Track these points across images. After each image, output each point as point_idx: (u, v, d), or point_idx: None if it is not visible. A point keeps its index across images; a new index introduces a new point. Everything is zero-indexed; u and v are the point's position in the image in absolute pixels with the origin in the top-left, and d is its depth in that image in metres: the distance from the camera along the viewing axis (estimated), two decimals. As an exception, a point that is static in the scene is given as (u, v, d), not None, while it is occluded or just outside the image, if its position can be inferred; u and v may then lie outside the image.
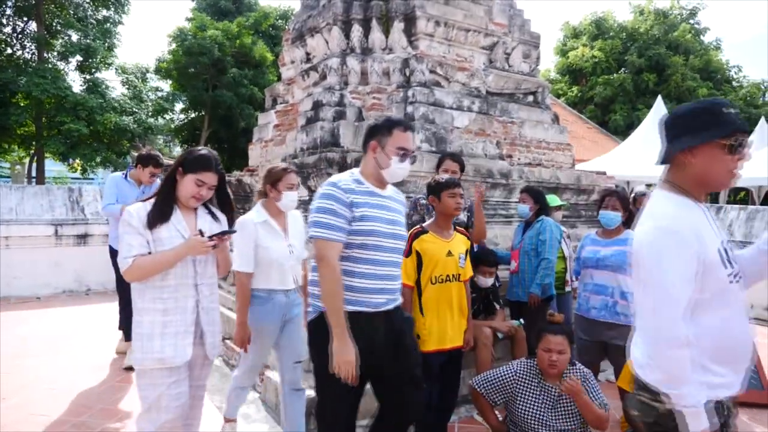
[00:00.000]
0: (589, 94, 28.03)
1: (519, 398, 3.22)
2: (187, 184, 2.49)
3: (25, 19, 18.63)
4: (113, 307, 7.53)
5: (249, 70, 21.89)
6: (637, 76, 27.06)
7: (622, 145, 16.27)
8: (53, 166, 24.08)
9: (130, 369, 4.90)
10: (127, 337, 5.13)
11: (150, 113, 19.72)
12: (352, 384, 2.38)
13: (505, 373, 3.34)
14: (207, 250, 2.50)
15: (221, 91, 21.18)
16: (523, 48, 6.61)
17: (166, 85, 23.03)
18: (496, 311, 4.36)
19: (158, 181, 5.02)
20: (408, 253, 3.20)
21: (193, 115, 24.34)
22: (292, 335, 3.31)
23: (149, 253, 2.44)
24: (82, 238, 8.82)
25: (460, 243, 3.34)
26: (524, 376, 3.22)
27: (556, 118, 6.81)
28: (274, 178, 3.28)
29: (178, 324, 2.50)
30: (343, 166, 4.97)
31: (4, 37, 18.52)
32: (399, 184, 4.89)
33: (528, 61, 6.69)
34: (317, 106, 5.76)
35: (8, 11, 18.28)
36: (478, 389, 3.25)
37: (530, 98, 6.63)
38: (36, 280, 8.25)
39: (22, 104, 17.27)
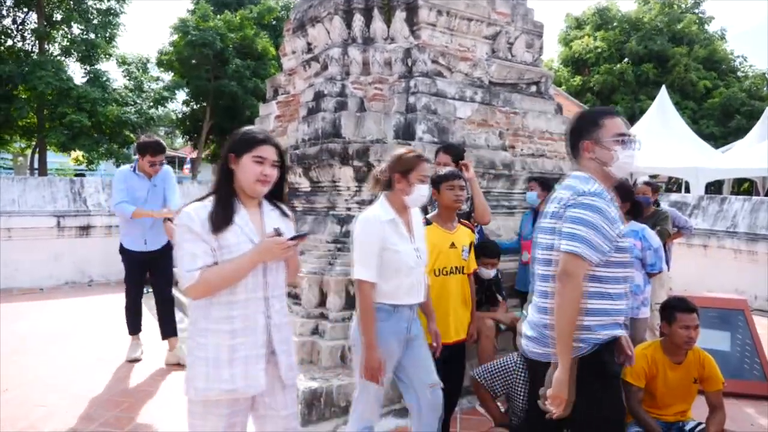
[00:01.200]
0: (590, 83, 27.88)
1: (520, 389, 3.22)
2: (247, 168, 2.10)
3: (25, 10, 18.57)
4: (115, 299, 7.55)
5: (251, 61, 21.81)
6: (637, 66, 26.90)
7: (626, 136, 16.17)
8: (55, 158, 24.09)
9: (134, 361, 5.01)
10: (132, 331, 5.20)
11: (151, 104, 19.69)
12: None
13: (507, 364, 3.33)
14: (286, 254, 2.14)
15: (224, 82, 21.11)
16: (526, 37, 6.55)
17: (167, 77, 22.97)
18: (498, 302, 4.35)
19: (166, 169, 5.02)
20: None
21: (195, 107, 24.28)
22: (419, 356, 2.86)
23: (215, 263, 2.07)
24: (84, 229, 8.82)
25: (463, 235, 3.32)
26: (524, 369, 3.21)
27: (559, 109, 6.76)
28: (405, 167, 2.73)
29: (249, 347, 2.11)
30: (344, 157, 4.95)
31: (3, 28, 18.46)
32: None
33: (531, 51, 6.63)
34: (318, 96, 5.72)
35: (8, 2, 18.21)
36: (480, 380, 3.25)
37: (533, 88, 6.58)
38: (38, 271, 8.27)
39: (23, 96, 17.24)
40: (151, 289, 8.12)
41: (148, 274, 5.17)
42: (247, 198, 2.16)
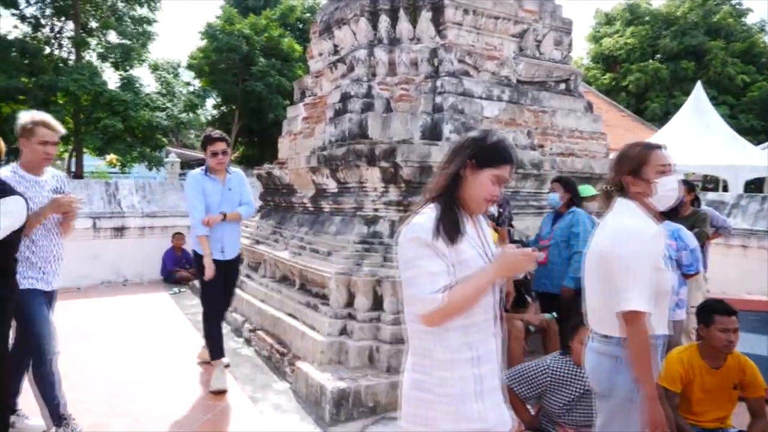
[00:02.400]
0: (623, 81, 27.33)
1: (552, 394, 3.17)
2: (483, 183, 1.80)
3: (63, 18, 19.12)
4: (149, 298, 7.72)
5: (277, 61, 22.04)
6: (673, 62, 26.24)
7: (659, 133, 15.81)
8: (91, 161, 24.69)
9: (220, 392, 4.26)
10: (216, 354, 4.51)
11: (182, 109, 20.07)
12: None
13: (538, 367, 3.28)
14: (532, 266, 1.88)
15: (250, 83, 21.38)
16: (554, 35, 6.46)
17: (197, 81, 23.38)
18: (527, 304, 4.30)
19: (239, 173, 4.74)
20: None
21: (224, 110, 24.65)
22: None
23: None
24: (119, 230, 9.03)
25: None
26: (558, 371, 3.16)
27: (589, 107, 6.64)
28: (634, 164, 2.24)
29: (491, 375, 1.82)
30: (371, 158, 4.95)
31: (43, 37, 19.05)
32: (428, 175, 4.86)
33: (560, 48, 6.54)
34: (345, 98, 5.74)
35: (47, 11, 18.78)
36: (510, 384, 3.20)
37: (562, 86, 6.48)
38: (76, 271, 8.47)
39: (61, 101, 17.75)
40: (183, 289, 8.29)
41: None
42: (465, 209, 1.86)
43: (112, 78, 29.45)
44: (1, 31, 17.61)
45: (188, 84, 22.45)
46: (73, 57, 19.06)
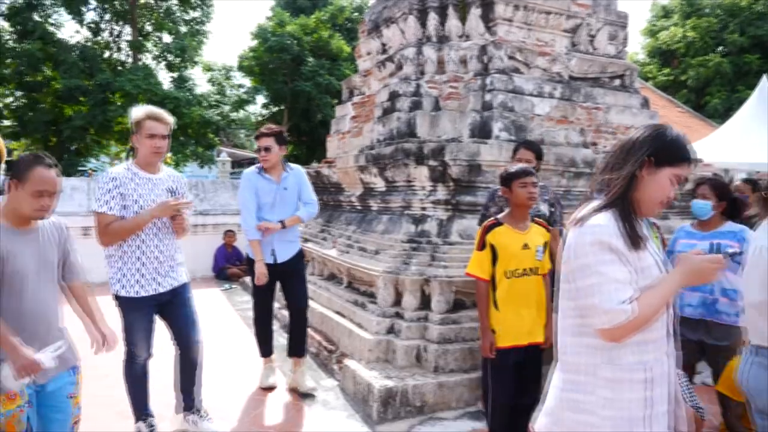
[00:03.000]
0: (682, 77, 26.25)
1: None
2: (662, 183, 1.64)
3: (121, 23, 19.91)
4: (201, 294, 7.92)
5: (326, 61, 22.28)
6: (737, 56, 25.02)
7: (720, 130, 15.11)
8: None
9: (268, 389, 4.34)
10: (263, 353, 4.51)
11: (232, 108, 20.59)
12: None
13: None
14: (716, 276, 1.68)
15: (300, 83, 21.71)
16: (609, 29, 6.27)
17: (248, 82, 23.91)
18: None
19: (298, 169, 4.45)
20: (482, 246, 3.12)
21: (274, 110, 25.11)
22: None
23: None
24: (173, 228, 9.32)
25: (537, 235, 3.21)
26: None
27: (645, 103, 6.41)
28: None
29: (663, 399, 1.64)
30: (419, 157, 4.93)
31: (102, 41, 19.89)
32: (477, 174, 4.81)
33: (614, 43, 6.34)
34: (393, 96, 5.74)
35: (107, 16, 19.61)
36: (561, 386, 3.12)
37: (617, 82, 6.28)
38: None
39: (118, 102, 18.48)
40: (233, 285, 8.49)
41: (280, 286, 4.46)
42: (637, 213, 1.69)
43: (166, 79, 30.42)
44: (64, 36, 18.49)
45: (240, 86, 22.99)
46: (130, 60, 19.82)
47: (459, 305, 4.39)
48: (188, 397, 3.51)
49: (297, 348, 4.38)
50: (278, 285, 4.43)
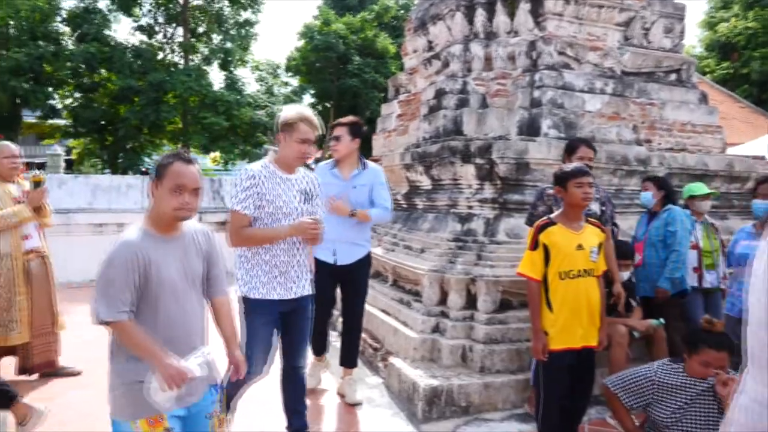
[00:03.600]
0: (743, 70, 25.04)
1: (659, 403, 2.97)
2: None
3: (174, 25, 20.53)
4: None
5: (372, 59, 22.37)
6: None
7: (783, 126, 14.37)
8: (198, 159, 26.40)
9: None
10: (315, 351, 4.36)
11: (281, 107, 20.92)
12: None
13: (643, 374, 3.08)
14: None
15: (346, 80, 21.86)
16: (664, 22, 6.04)
17: (295, 81, 24.25)
18: (632, 308, 4.06)
19: (374, 168, 4.18)
20: (534, 245, 3.05)
21: (320, 108, 25.39)
22: None
23: None
24: (222, 225, 9.55)
25: (592, 235, 3.12)
26: (666, 380, 2.95)
27: (703, 98, 6.15)
28: None
29: None
30: (466, 155, 4.88)
31: (157, 43, 20.56)
32: (525, 172, 4.72)
33: (670, 36, 6.10)
34: (440, 94, 5.70)
35: (160, 19, 20.27)
36: (614, 389, 3.03)
37: (673, 76, 6.05)
38: (184, 262, 9.06)
39: (171, 102, 19.07)
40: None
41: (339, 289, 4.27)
42: None
43: (217, 79, 31.20)
44: (120, 38, 19.22)
45: (286, 84, 23.34)
46: (182, 61, 20.42)
47: (506, 305, 4.33)
48: (299, 419, 3.25)
49: (348, 359, 4.20)
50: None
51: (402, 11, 24.93)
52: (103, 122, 18.85)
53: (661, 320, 4.01)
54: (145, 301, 2.02)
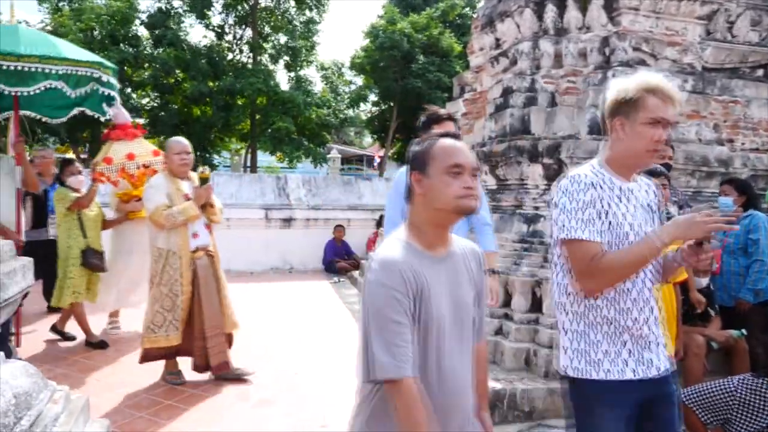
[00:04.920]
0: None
1: (740, 421, 2.79)
2: None
3: (243, 26, 21.20)
4: (312, 285, 8.25)
5: (436, 58, 22.25)
6: None
7: None
8: (264, 157, 27.09)
9: None
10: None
11: (345, 106, 21.21)
12: None
13: (722, 389, 2.91)
14: None
15: (410, 80, 21.85)
16: (751, 14, 5.67)
17: (359, 80, 24.47)
18: (710, 317, 3.84)
19: None
20: None
21: (383, 107, 25.51)
22: None
23: None
24: (287, 221, 9.78)
25: None
26: (748, 396, 2.77)
27: (793, 95, 5.74)
28: None
29: None
30: (533, 154, 4.77)
31: (227, 45, 21.30)
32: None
33: (758, 29, 5.72)
34: (507, 92, 5.59)
35: (230, 21, 20.98)
36: (689, 403, 2.88)
37: (759, 72, 5.67)
38: (250, 257, 9.35)
39: (240, 103, 19.69)
40: (342, 279, 8.74)
41: None
42: None
43: (283, 79, 31.95)
44: (193, 41, 20.02)
45: (350, 83, 23.60)
46: (251, 61, 21.04)
47: (573, 310, 4.19)
48: None
49: None
50: None
51: (468, 9, 24.66)
52: (177, 123, 19.70)
53: (743, 331, 3.78)
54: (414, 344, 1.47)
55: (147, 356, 4.02)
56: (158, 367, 4.16)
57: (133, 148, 5.21)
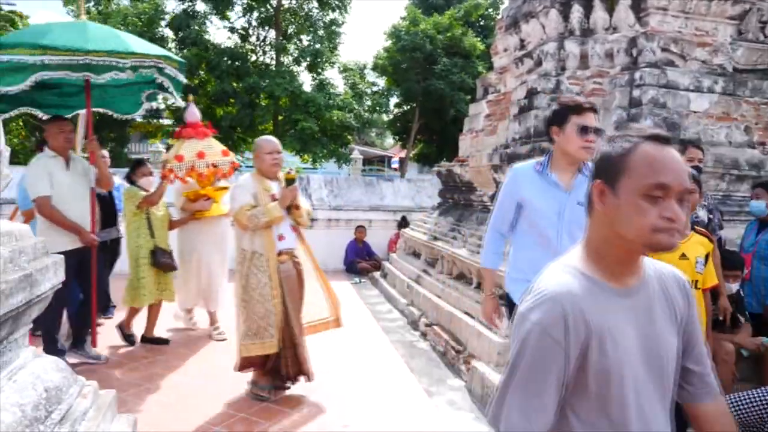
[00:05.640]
0: None
1: (772, 431, 2.72)
2: None
3: (266, 27, 21.38)
4: (333, 286, 8.24)
5: (459, 59, 22.17)
6: None
7: None
8: (287, 157, 27.34)
9: None
10: None
11: (367, 108, 21.24)
12: None
13: (754, 399, 2.84)
14: None
15: (432, 81, 21.82)
16: (784, 14, 5.54)
17: (381, 81, 24.49)
18: (740, 324, 3.75)
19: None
20: None
21: (405, 108, 25.49)
22: None
23: None
24: (310, 221, 9.81)
25: (697, 245, 2.91)
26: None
27: (828, 97, 5.58)
28: None
29: None
30: (558, 156, 4.72)
31: (251, 46, 21.50)
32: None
33: (791, 30, 5.58)
34: (531, 93, 5.54)
35: (254, 22, 21.19)
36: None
37: (793, 74, 5.53)
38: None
39: (263, 104, 19.86)
40: (363, 279, 8.75)
41: None
42: None
43: (306, 81, 32.22)
44: (216, 41, 20.26)
45: (373, 84, 23.64)
46: (274, 62, 21.22)
47: (597, 314, 4.13)
48: None
49: None
50: None
51: (491, 10, 24.53)
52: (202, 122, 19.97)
53: (772, 339, 3.68)
54: (579, 408, 1.15)
55: (245, 365, 3.87)
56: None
57: (203, 147, 5.16)
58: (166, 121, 21.68)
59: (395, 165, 29.52)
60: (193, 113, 5.35)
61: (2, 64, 3.85)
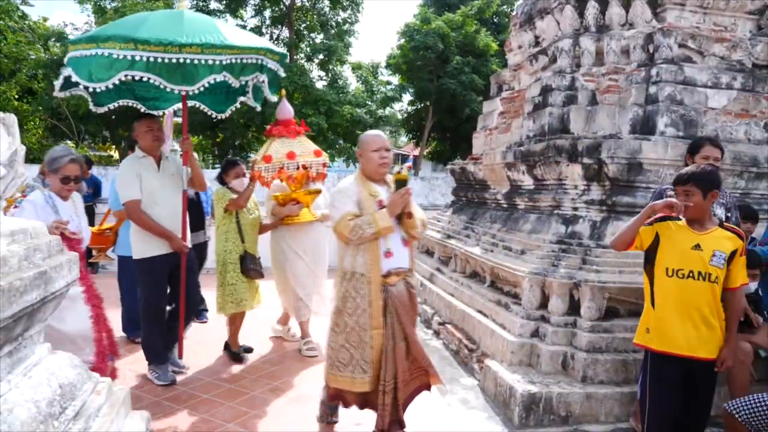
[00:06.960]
0: None
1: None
2: None
3: (279, 26, 21.47)
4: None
5: (472, 58, 22.09)
6: None
7: None
8: (299, 155, 27.42)
9: None
10: None
11: (379, 102, 21.24)
12: None
13: (772, 401, 2.79)
14: None
15: (445, 80, 21.77)
16: (805, 9, 5.42)
17: (395, 79, 24.49)
18: (758, 325, 3.69)
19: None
20: (650, 224, 2.98)
21: (419, 106, 25.46)
22: None
23: None
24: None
25: (722, 239, 2.87)
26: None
27: None
28: None
29: None
30: (572, 154, 4.67)
31: (264, 44, 21.63)
32: (637, 173, 4.44)
33: (812, 25, 5.47)
34: (546, 91, 5.49)
35: (267, 21, 21.28)
36: (738, 417, 2.77)
37: (814, 69, 5.42)
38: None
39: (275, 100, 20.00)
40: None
41: None
42: None
43: (317, 78, 32.25)
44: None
45: (387, 83, 23.64)
46: (287, 61, 21.34)
47: (612, 313, 4.10)
48: None
49: None
50: None
51: (505, 6, 24.40)
52: (214, 121, 20.06)
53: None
54: None
55: (334, 395, 3.35)
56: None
57: (294, 147, 4.75)
58: (179, 120, 21.84)
59: (409, 163, 29.50)
60: (287, 110, 4.98)
61: (91, 58, 3.46)
